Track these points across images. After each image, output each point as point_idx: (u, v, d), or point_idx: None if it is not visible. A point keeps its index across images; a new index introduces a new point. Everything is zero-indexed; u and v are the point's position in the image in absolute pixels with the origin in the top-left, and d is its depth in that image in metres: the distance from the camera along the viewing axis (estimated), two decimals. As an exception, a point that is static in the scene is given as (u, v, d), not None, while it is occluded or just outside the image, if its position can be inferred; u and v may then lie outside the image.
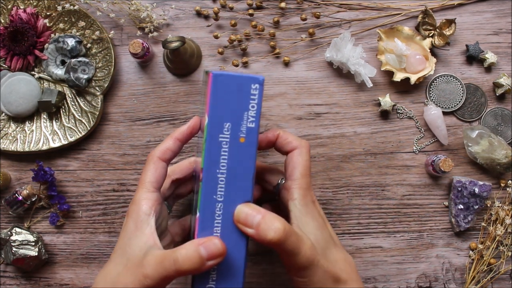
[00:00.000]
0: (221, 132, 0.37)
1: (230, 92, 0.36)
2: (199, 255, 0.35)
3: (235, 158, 0.37)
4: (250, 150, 0.37)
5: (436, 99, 0.60)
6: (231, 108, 0.36)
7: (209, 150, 0.37)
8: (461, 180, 0.57)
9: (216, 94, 0.36)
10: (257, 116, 0.37)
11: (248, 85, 0.36)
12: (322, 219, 0.42)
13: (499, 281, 0.57)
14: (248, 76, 0.37)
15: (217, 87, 0.36)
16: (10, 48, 0.58)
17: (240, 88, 0.36)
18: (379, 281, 0.58)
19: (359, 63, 0.58)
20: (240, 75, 0.37)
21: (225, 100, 0.36)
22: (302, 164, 0.42)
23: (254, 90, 0.36)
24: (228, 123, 0.37)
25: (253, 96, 0.36)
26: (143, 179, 0.42)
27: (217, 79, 0.36)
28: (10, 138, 0.59)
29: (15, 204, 0.57)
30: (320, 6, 0.61)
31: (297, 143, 0.43)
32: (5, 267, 0.59)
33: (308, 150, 0.44)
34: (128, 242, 0.39)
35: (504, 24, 0.61)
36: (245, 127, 0.37)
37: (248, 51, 0.61)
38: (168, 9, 0.61)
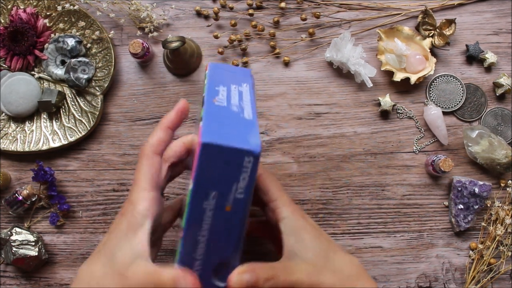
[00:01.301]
0: (206, 200, 0.33)
1: (219, 162, 0.32)
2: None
3: (218, 224, 0.34)
4: (235, 218, 0.34)
5: (436, 99, 0.60)
6: (219, 178, 0.33)
7: (191, 213, 0.34)
8: (461, 180, 0.57)
9: (203, 163, 0.32)
10: (248, 187, 0.33)
11: (241, 157, 0.32)
12: (315, 230, 0.40)
13: (499, 281, 0.57)
14: (242, 149, 0.32)
15: (206, 156, 0.32)
16: (10, 48, 0.58)
17: (232, 159, 0.32)
18: (379, 281, 0.58)
19: (359, 63, 0.58)
20: (232, 147, 0.32)
21: (213, 169, 0.32)
22: (274, 184, 0.41)
23: (247, 162, 0.32)
24: (214, 192, 0.33)
25: (245, 169, 0.33)
26: (138, 178, 0.38)
27: (206, 149, 0.31)
28: (10, 138, 0.59)
29: (15, 204, 0.57)
30: (320, 6, 0.61)
31: (261, 170, 0.41)
32: (5, 267, 0.59)
33: (271, 173, 0.43)
34: (117, 244, 0.36)
35: (504, 24, 0.61)
36: (232, 197, 0.33)
37: (248, 51, 0.61)
38: (168, 9, 0.61)
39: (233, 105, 0.37)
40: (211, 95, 0.37)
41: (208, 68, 0.43)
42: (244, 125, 0.34)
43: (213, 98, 0.37)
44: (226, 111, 0.36)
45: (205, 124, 0.33)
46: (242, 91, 0.40)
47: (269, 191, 0.41)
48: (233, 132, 0.33)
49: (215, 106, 0.36)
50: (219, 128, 0.33)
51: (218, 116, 0.35)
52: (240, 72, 0.44)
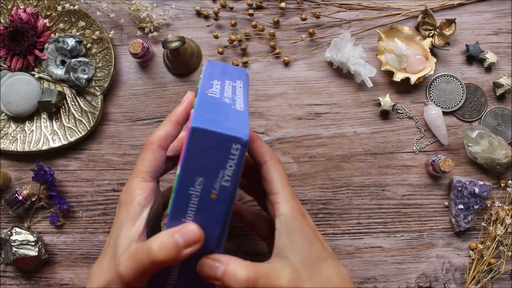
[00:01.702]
0: (192, 186, 0.34)
1: (207, 148, 0.33)
2: (175, 243, 0.33)
3: (203, 212, 0.34)
4: (220, 207, 0.34)
5: (436, 99, 0.60)
6: (206, 164, 0.33)
7: (177, 199, 0.34)
8: (461, 180, 0.57)
9: (192, 147, 0.33)
10: (234, 176, 0.34)
11: (229, 144, 0.32)
12: (312, 232, 0.39)
13: (499, 281, 0.57)
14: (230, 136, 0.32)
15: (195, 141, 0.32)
16: (10, 48, 0.58)
17: (220, 145, 0.33)
18: (379, 281, 0.58)
19: (359, 63, 0.58)
20: (221, 133, 0.32)
21: (201, 155, 0.33)
22: (278, 175, 0.39)
23: (234, 150, 0.33)
24: (201, 178, 0.33)
25: (232, 156, 0.33)
26: (139, 168, 0.38)
27: (195, 133, 0.32)
28: (10, 138, 0.59)
29: (15, 204, 0.57)
30: (320, 6, 0.61)
31: (269, 156, 0.40)
32: (5, 267, 0.59)
33: (280, 162, 0.41)
34: (119, 234, 0.36)
35: (504, 24, 0.61)
36: (218, 184, 0.34)
37: (248, 51, 0.61)
38: (168, 9, 0.61)
39: (225, 97, 0.38)
40: (205, 87, 0.38)
41: (205, 65, 0.44)
42: (234, 115, 0.35)
43: (207, 90, 0.38)
44: (218, 101, 0.36)
45: (196, 111, 0.34)
46: (236, 87, 0.41)
47: (273, 182, 0.39)
48: (223, 120, 0.34)
49: (207, 97, 0.37)
50: (210, 115, 0.34)
51: (209, 105, 0.35)
52: (236, 70, 0.45)
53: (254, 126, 0.60)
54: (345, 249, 0.58)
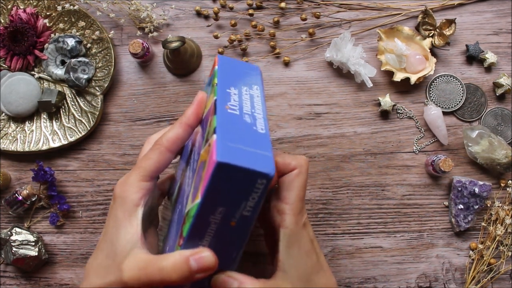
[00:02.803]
0: (212, 214, 0.33)
1: (232, 181, 0.31)
2: (188, 267, 0.33)
3: (220, 237, 0.34)
4: (238, 234, 0.34)
5: (436, 99, 0.60)
6: (229, 196, 0.32)
7: (195, 225, 0.33)
8: (461, 180, 0.57)
9: (216, 180, 0.31)
10: (256, 206, 0.33)
11: (255, 179, 0.31)
12: (310, 244, 0.40)
13: (499, 281, 0.57)
14: (257, 172, 0.31)
15: (219, 174, 0.31)
16: (10, 48, 0.58)
17: (245, 180, 0.31)
18: (379, 281, 0.58)
19: (359, 63, 0.58)
20: (248, 168, 0.31)
21: (225, 187, 0.32)
22: (299, 186, 0.39)
23: (259, 184, 0.32)
24: (222, 208, 0.33)
25: (256, 190, 0.32)
26: (142, 166, 0.38)
27: (221, 168, 0.30)
28: (10, 138, 0.59)
29: (15, 204, 0.57)
30: (320, 6, 0.61)
31: (296, 163, 0.39)
32: (5, 267, 0.59)
33: (307, 170, 0.40)
34: (116, 232, 0.36)
35: (504, 24, 0.61)
36: (239, 214, 0.33)
37: (248, 51, 0.61)
38: (168, 9, 0.61)
39: (245, 114, 0.36)
40: (223, 99, 0.36)
41: (218, 62, 0.41)
42: (258, 141, 0.34)
43: (226, 104, 0.36)
44: (239, 121, 0.35)
45: (219, 138, 0.32)
46: (253, 95, 0.39)
47: (291, 192, 0.39)
48: (247, 150, 0.32)
49: (228, 114, 0.35)
50: (233, 143, 0.32)
51: (231, 128, 0.34)
52: (250, 70, 0.43)
53: (254, 126, 0.60)
54: (345, 249, 0.58)
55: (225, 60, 0.42)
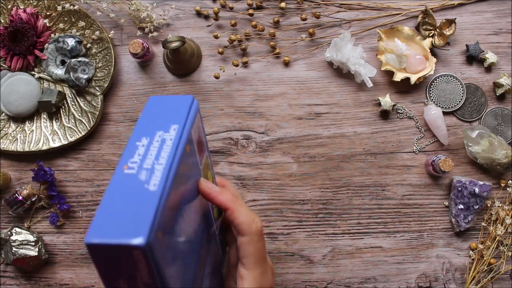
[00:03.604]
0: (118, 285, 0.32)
1: (110, 257, 0.30)
2: None
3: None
4: None
5: (436, 99, 0.60)
6: (119, 270, 0.30)
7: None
8: (461, 180, 0.57)
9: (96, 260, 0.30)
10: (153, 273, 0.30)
11: (129, 252, 0.29)
12: None
13: (499, 281, 0.57)
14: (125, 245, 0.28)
15: (95, 254, 0.29)
16: (10, 48, 0.58)
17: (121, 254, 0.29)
18: (379, 281, 0.58)
19: (359, 63, 0.58)
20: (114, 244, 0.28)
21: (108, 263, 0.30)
22: (253, 254, 0.37)
23: (138, 254, 0.29)
24: (122, 280, 0.31)
25: (139, 261, 0.29)
26: None
27: (92, 249, 0.29)
28: (10, 138, 0.59)
29: (15, 204, 0.57)
30: (320, 6, 0.61)
31: (247, 229, 0.37)
32: (5, 267, 0.59)
33: (260, 236, 0.38)
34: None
35: (504, 24, 0.61)
36: (142, 283, 0.31)
37: (248, 51, 0.61)
38: (168, 9, 0.61)
39: (143, 170, 0.33)
40: (126, 156, 0.35)
41: (145, 106, 0.39)
42: (142, 203, 0.31)
43: (125, 163, 0.34)
44: (132, 182, 0.33)
45: (99, 212, 0.31)
46: (166, 139, 0.36)
47: (247, 259, 0.38)
48: (124, 219, 0.30)
49: (122, 177, 0.33)
50: (110, 215, 0.30)
51: (118, 195, 0.32)
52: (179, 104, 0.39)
53: (254, 126, 0.60)
54: (345, 249, 0.58)
55: (155, 100, 0.39)
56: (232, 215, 0.38)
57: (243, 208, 0.38)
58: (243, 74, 0.60)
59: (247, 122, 0.60)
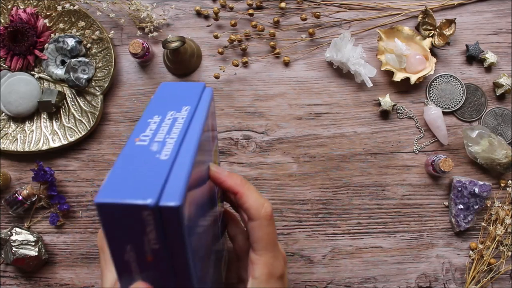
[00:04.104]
0: (125, 253, 0.32)
1: (119, 218, 0.30)
2: None
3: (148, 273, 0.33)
4: (161, 266, 0.32)
5: (436, 99, 0.60)
6: (126, 233, 0.31)
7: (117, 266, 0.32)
8: (461, 180, 0.57)
9: (105, 221, 0.30)
10: (160, 237, 0.31)
11: (139, 212, 0.29)
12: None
13: (499, 281, 0.57)
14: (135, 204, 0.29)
15: (104, 214, 0.30)
16: (10, 48, 0.58)
17: (130, 214, 0.29)
18: (379, 281, 0.58)
19: (359, 63, 0.58)
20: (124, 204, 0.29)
21: (117, 226, 0.30)
22: (263, 239, 0.37)
23: (147, 216, 0.29)
24: (129, 245, 0.31)
25: (148, 222, 0.30)
26: None
27: (102, 208, 0.29)
28: (10, 138, 0.59)
29: (15, 204, 0.57)
30: (320, 6, 0.61)
31: (256, 214, 0.37)
32: (5, 267, 0.59)
33: (270, 220, 0.37)
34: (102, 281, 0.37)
35: (504, 24, 0.61)
36: (149, 248, 0.31)
37: (248, 51, 0.61)
38: (168, 9, 0.61)
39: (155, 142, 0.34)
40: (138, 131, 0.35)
41: (157, 91, 0.40)
42: (153, 169, 0.32)
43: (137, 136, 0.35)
44: (143, 152, 0.33)
45: (110, 175, 0.31)
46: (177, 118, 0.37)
47: (256, 243, 0.37)
48: (134, 182, 0.31)
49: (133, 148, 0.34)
50: (121, 178, 0.31)
51: (129, 162, 0.32)
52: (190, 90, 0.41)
53: (254, 126, 0.60)
54: (345, 249, 0.58)
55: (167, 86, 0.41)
56: (241, 199, 0.37)
57: (252, 192, 0.38)
58: (243, 74, 0.60)
59: (247, 122, 0.60)
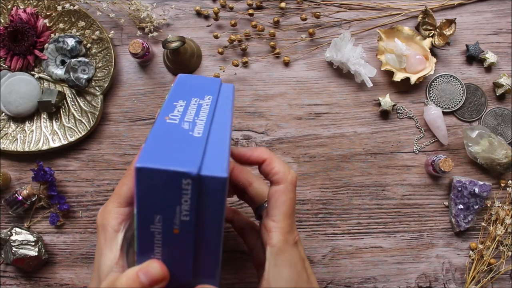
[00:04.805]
0: (151, 223, 0.32)
1: (157, 186, 0.31)
2: (139, 282, 0.32)
3: (170, 246, 0.33)
4: (185, 240, 0.33)
5: (436, 99, 0.60)
6: (160, 202, 0.31)
7: (140, 237, 0.33)
8: (461, 180, 0.57)
9: (141, 187, 0.31)
10: (193, 209, 0.31)
11: (178, 180, 0.30)
12: (300, 263, 0.39)
13: (499, 281, 0.57)
14: (177, 172, 0.30)
15: (142, 180, 0.30)
16: (10, 48, 0.58)
17: (168, 183, 0.30)
18: (379, 281, 0.58)
19: (359, 63, 0.58)
20: (167, 170, 0.30)
21: (153, 193, 0.31)
22: (285, 204, 0.38)
23: (185, 185, 0.30)
24: (158, 216, 0.32)
25: (185, 191, 0.31)
26: (117, 192, 0.38)
27: (141, 173, 0.30)
28: (10, 138, 0.59)
29: (15, 204, 0.57)
30: (320, 6, 0.61)
31: (283, 177, 0.38)
32: (5, 267, 0.59)
33: (294, 187, 0.39)
34: (99, 259, 0.37)
35: (504, 24, 0.61)
36: (178, 220, 0.32)
37: (248, 51, 0.61)
38: (168, 9, 0.61)
39: (185, 122, 0.35)
40: (166, 111, 0.36)
41: (175, 80, 0.42)
42: (189, 144, 0.33)
43: (166, 115, 0.36)
44: (175, 129, 0.34)
45: (146, 145, 0.32)
46: (202, 104, 0.38)
47: (276, 209, 0.38)
48: (172, 153, 0.31)
49: (165, 124, 0.35)
50: (158, 149, 0.32)
51: (163, 136, 0.33)
52: (209, 82, 0.43)
53: (254, 126, 0.60)
54: (345, 249, 0.58)
55: (185, 77, 0.42)
56: (270, 165, 0.39)
57: (279, 159, 0.40)
58: (243, 74, 0.60)
59: (247, 122, 0.60)
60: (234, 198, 0.58)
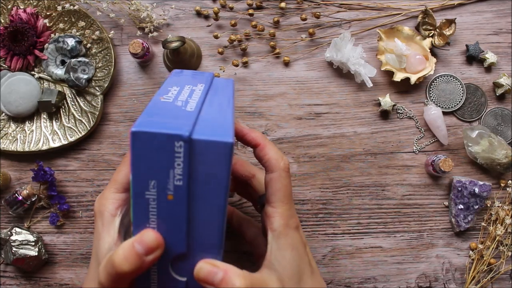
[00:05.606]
0: (147, 190, 0.33)
1: (151, 149, 0.32)
2: (135, 252, 0.33)
3: (165, 215, 0.34)
4: (180, 207, 0.34)
5: (436, 99, 0.60)
6: (154, 165, 0.33)
7: (135, 205, 0.34)
8: (461, 180, 0.57)
9: (136, 151, 0.32)
10: (186, 174, 0.33)
11: (171, 142, 0.32)
12: (302, 247, 0.39)
13: (499, 281, 0.57)
14: (169, 134, 0.31)
15: (137, 144, 0.32)
16: (10, 48, 0.58)
17: (162, 145, 0.32)
18: (379, 281, 0.58)
19: (359, 63, 0.58)
20: (160, 132, 0.31)
21: (147, 157, 0.32)
22: (281, 190, 0.39)
23: (178, 147, 0.32)
24: (153, 181, 0.33)
25: (177, 154, 0.32)
26: (114, 179, 0.39)
27: (136, 137, 0.32)
28: (10, 138, 0.59)
29: (15, 204, 0.57)
30: (320, 6, 0.61)
31: (276, 164, 0.39)
32: (5, 267, 0.59)
33: (288, 173, 0.40)
34: (97, 244, 0.37)
35: (504, 24, 0.61)
36: (172, 185, 0.33)
37: (248, 51, 0.61)
38: (168, 9, 0.61)
39: (178, 101, 0.37)
40: (160, 94, 0.38)
41: (170, 74, 0.44)
42: (182, 115, 0.34)
43: (161, 96, 0.38)
44: (169, 105, 0.36)
45: (141, 116, 0.33)
46: (195, 90, 0.40)
47: (274, 195, 0.39)
48: (166, 121, 0.33)
49: (159, 102, 0.36)
50: (152, 117, 0.33)
51: (157, 109, 0.35)
52: (202, 75, 0.45)
53: (254, 126, 0.60)
54: (345, 249, 0.58)
55: (179, 71, 0.45)
56: (263, 151, 0.40)
57: (272, 146, 0.41)
58: (243, 74, 0.61)
59: (247, 122, 0.60)
60: (234, 198, 0.58)
